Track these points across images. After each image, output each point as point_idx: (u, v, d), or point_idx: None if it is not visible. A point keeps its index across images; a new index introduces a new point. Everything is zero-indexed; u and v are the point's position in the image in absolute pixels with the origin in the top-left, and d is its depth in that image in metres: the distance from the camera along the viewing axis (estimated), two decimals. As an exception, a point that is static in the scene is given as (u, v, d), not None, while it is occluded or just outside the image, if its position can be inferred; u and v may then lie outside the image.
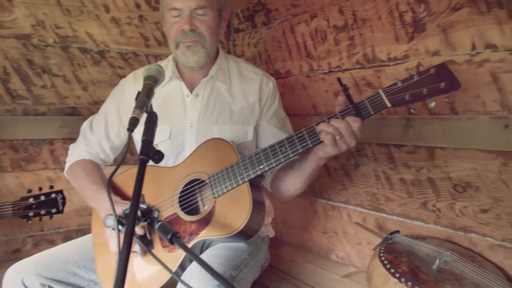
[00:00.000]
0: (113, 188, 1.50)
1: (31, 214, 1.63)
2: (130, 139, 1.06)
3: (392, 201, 1.65)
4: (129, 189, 1.48)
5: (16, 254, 1.90)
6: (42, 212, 1.66)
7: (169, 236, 0.95)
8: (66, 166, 1.61)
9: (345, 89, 1.20)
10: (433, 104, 1.14)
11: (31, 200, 1.62)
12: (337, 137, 1.17)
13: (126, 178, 1.51)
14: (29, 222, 1.63)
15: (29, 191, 1.63)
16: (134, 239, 1.07)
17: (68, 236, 2.04)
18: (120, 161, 1.01)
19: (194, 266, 1.21)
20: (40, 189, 1.68)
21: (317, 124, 1.22)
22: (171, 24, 1.47)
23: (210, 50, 1.49)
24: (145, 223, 1.08)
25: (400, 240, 1.41)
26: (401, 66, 1.56)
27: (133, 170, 1.50)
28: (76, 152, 1.60)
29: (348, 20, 1.75)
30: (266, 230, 1.67)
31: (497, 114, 1.30)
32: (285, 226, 2.21)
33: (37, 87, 1.93)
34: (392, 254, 1.30)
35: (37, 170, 1.97)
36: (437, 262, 1.23)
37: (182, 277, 1.19)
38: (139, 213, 1.06)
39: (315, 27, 1.92)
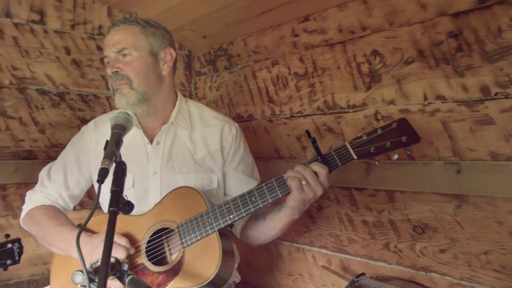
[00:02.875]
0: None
1: None
2: (98, 188, 1.04)
3: (355, 243, 1.70)
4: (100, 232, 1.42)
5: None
6: None
7: (142, 292, 0.92)
8: (23, 214, 1.53)
9: (313, 141, 1.25)
10: (396, 157, 1.21)
11: None
12: (304, 183, 1.20)
13: (95, 222, 1.45)
14: None
15: None
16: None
17: (20, 290, 1.90)
18: (90, 214, 0.98)
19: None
20: None
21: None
22: (106, 72, 1.48)
23: (143, 91, 1.45)
24: (114, 276, 1.04)
25: (366, 282, 1.44)
26: (360, 113, 1.65)
27: (100, 217, 1.45)
28: (34, 199, 1.53)
29: (309, 68, 1.84)
30: (233, 276, 1.64)
31: (449, 160, 1.40)
32: (249, 269, 2.19)
33: (-10, 130, 1.84)
34: (360, 298, 1.33)
35: (-14, 218, 1.85)
36: (402, 304, 1.27)
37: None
38: (108, 267, 1.02)
39: (276, 73, 2.00)
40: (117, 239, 1.31)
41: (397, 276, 1.55)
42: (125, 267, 1.04)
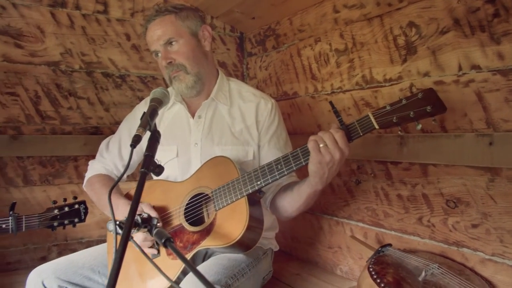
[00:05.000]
0: (129, 197, 1.63)
1: (55, 224, 1.72)
2: (130, 152, 1.17)
3: (390, 217, 1.70)
4: (144, 197, 1.59)
5: (42, 261, 2.02)
6: (66, 221, 1.75)
7: (163, 240, 1.06)
8: (85, 180, 1.77)
9: (335, 111, 1.29)
10: (419, 127, 1.19)
11: (55, 211, 1.72)
12: (321, 145, 1.24)
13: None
14: (54, 231, 1.74)
15: (54, 202, 1.75)
16: (137, 247, 1.18)
17: (89, 246, 2.17)
18: (122, 172, 1.14)
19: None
20: (65, 200, 1.79)
21: None
22: (160, 66, 1.63)
23: (197, 72, 1.59)
24: (145, 229, 1.20)
25: (391, 253, 1.46)
26: (396, 87, 1.63)
27: (149, 182, 1.62)
28: (94, 168, 1.76)
29: (348, 44, 1.85)
30: (269, 244, 1.74)
31: (482, 131, 1.35)
32: (294, 241, 2.28)
33: (64, 109, 2.12)
34: (380, 265, 1.36)
35: (62, 184, 2.14)
36: (423, 274, 1.27)
37: (182, 283, 1.29)
38: (139, 220, 1.18)
39: (319, 50, 2.03)
40: (148, 210, 1.44)
41: (429, 250, 1.54)
42: (155, 221, 1.19)
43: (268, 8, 2.23)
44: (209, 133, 1.65)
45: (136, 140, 1.17)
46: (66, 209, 1.75)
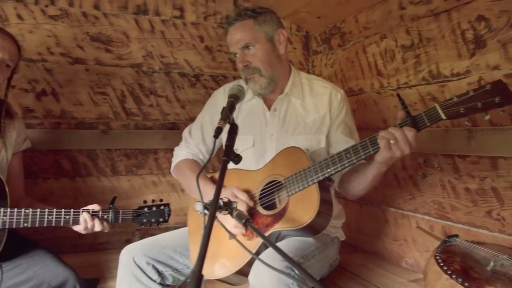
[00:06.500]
0: (213, 180, 1.78)
1: (144, 221, 1.90)
2: (213, 143, 1.32)
3: (457, 210, 1.72)
4: (226, 182, 1.72)
5: (127, 243, 2.27)
6: (153, 220, 1.92)
7: (243, 221, 1.19)
8: (172, 166, 1.94)
9: (403, 102, 1.35)
10: (488, 117, 1.21)
11: (145, 209, 1.90)
12: (392, 142, 1.31)
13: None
14: (142, 227, 1.91)
15: (145, 201, 1.93)
16: (220, 225, 1.32)
17: (166, 231, 2.38)
18: (208, 159, 1.28)
19: (268, 251, 1.43)
20: (153, 201, 1.97)
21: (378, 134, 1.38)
22: (237, 66, 1.77)
23: (270, 74, 1.71)
24: (226, 212, 1.34)
25: (458, 243, 1.48)
26: (464, 81, 1.65)
27: (229, 170, 1.76)
28: (180, 154, 1.94)
29: (414, 39, 1.88)
30: (336, 232, 1.82)
31: (556, 124, 1.34)
32: (359, 233, 2.34)
33: (146, 106, 2.35)
34: (447, 254, 1.39)
35: (144, 174, 2.37)
36: (492, 264, 1.29)
37: (256, 261, 1.42)
38: (221, 203, 1.32)
39: (384, 47, 2.07)
40: (240, 194, 1.59)
41: (498, 243, 1.54)
42: (234, 205, 1.33)
43: (334, 7, 2.31)
44: (283, 125, 1.77)
45: (218, 132, 1.30)
46: (154, 208, 1.91)
